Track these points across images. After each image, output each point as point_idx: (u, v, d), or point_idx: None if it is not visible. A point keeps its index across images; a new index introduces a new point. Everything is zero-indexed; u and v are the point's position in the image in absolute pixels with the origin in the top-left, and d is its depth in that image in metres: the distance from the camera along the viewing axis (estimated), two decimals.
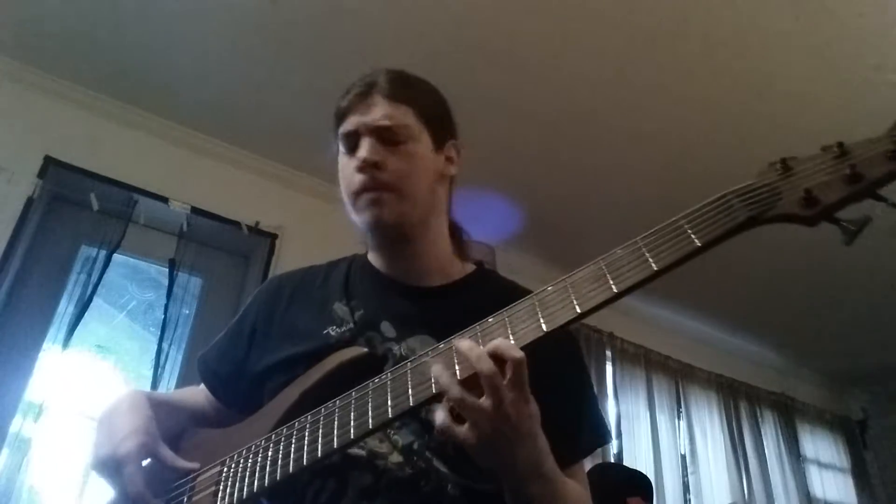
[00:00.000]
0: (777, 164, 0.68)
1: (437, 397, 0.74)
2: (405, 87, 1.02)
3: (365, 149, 0.95)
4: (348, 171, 0.98)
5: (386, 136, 0.97)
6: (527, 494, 0.77)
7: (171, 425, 0.99)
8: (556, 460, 0.79)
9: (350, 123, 0.99)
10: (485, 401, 0.69)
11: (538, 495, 0.77)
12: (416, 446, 0.87)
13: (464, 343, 0.73)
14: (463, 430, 0.71)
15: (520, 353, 0.70)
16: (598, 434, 0.98)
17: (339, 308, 1.01)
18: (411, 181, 0.97)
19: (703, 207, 0.69)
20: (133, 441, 0.90)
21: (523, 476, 0.75)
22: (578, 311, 0.70)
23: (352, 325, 0.97)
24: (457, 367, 0.73)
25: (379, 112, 0.98)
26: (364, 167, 0.95)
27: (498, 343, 0.71)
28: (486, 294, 0.97)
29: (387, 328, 0.96)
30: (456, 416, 0.72)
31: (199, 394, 1.12)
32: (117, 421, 0.94)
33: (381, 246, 1.04)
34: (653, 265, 0.68)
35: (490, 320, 0.75)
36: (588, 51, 2.30)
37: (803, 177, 0.66)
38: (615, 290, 0.69)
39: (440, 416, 0.72)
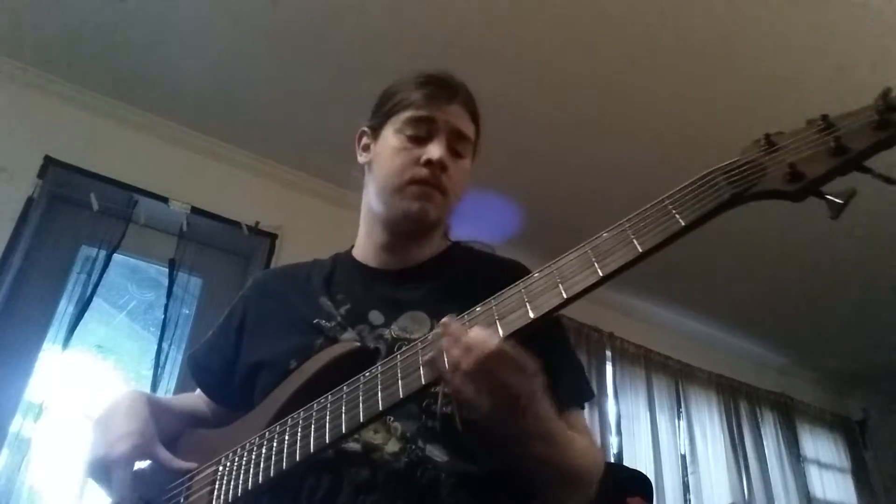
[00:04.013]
0: (761, 140, 0.67)
1: (427, 388, 0.75)
2: (475, 107, 1.08)
3: (442, 148, 0.98)
4: (405, 157, 0.99)
5: (455, 144, 1.01)
6: (530, 455, 0.78)
7: (168, 427, 0.99)
8: None
9: (430, 112, 1.00)
10: (479, 386, 0.71)
11: (543, 455, 0.78)
12: (409, 434, 0.87)
13: (446, 342, 0.73)
14: (465, 410, 0.72)
15: (494, 345, 0.70)
16: (580, 387, 1.00)
17: (324, 302, 1.02)
18: (458, 193, 1.03)
19: (688, 187, 0.68)
20: (127, 443, 0.90)
21: (528, 437, 0.76)
22: (565, 296, 0.70)
23: (339, 318, 0.98)
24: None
25: (462, 120, 1.03)
26: (434, 166, 0.97)
27: (470, 339, 0.71)
28: (466, 266, 1.02)
29: (375, 316, 0.97)
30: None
31: (195, 398, 1.13)
32: (113, 422, 0.94)
33: (393, 237, 1.05)
34: (638, 247, 0.67)
35: (478, 309, 0.75)
36: (588, 51, 2.30)
37: (788, 151, 0.65)
38: (601, 274, 0.69)
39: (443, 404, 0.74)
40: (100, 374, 2.52)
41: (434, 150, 0.97)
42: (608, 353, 3.60)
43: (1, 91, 2.46)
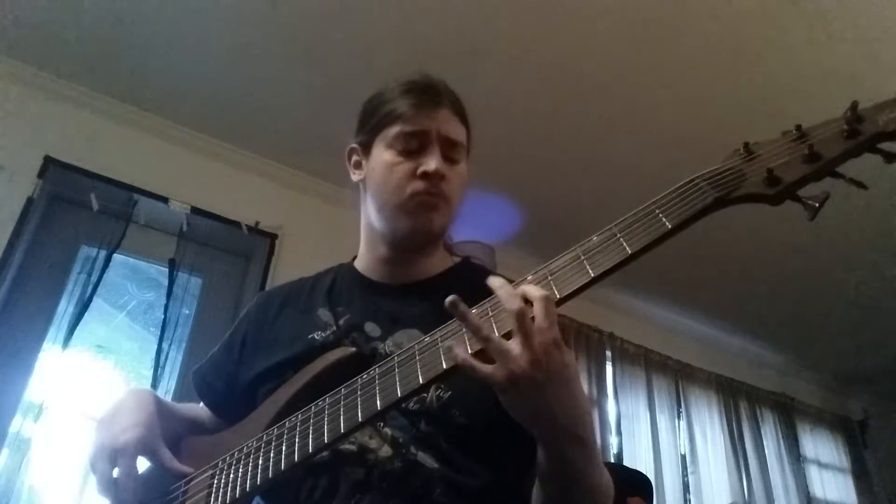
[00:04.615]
0: (741, 149, 0.72)
1: (424, 388, 0.75)
2: (462, 107, 1.05)
3: (437, 159, 0.96)
4: (401, 172, 0.97)
5: (449, 152, 0.99)
6: (564, 458, 0.74)
7: (170, 429, 1.00)
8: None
9: (419, 124, 0.98)
10: (513, 341, 0.69)
11: (575, 460, 0.75)
12: (401, 440, 0.87)
13: (495, 281, 0.73)
14: (489, 368, 0.69)
15: (545, 292, 0.70)
16: None
17: (323, 314, 1.02)
18: (458, 199, 1.01)
19: (674, 192, 0.72)
20: (133, 433, 0.91)
21: (562, 434, 0.72)
22: (558, 296, 0.72)
23: (335, 328, 0.99)
24: (493, 323, 0.73)
25: (452, 125, 1.01)
26: (432, 177, 0.95)
27: (525, 287, 0.72)
28: (470, 284, 0.96)
29: (371, 328, 0.97)
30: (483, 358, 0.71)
31: (198, 408, 1.14)
32: (120, 414, 0.95)
33: (396, 252, 1.03)
34: (627, 249, 0.70)
35: (473, 310, 0.76)
36: (588, 51, 2.31)
37: (765, 158, 0.70)
38: (592, 275, 0.71)
39: (460, 350, 0.71)
40: (100, 374, 2.52)
41: (430, 162, 0.95)
42: (608, 353, 3.60)
43: (1, 91, 2.46)
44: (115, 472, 0.90)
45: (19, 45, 2.40)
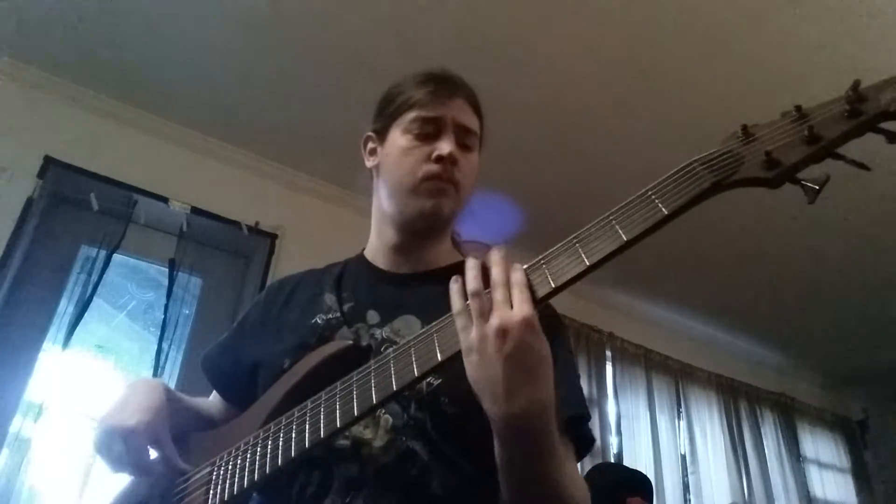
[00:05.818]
0: (739, 131, 0.70)
1: (419, 380, 0.75)
2: (476, 99, 1.09)
3: (451, 144, 1.00)
4: (415, 155, 1.00)
5: (463, 139, 1.02)
6: (515, 449, 0.73)
7: (178, 418, 1.01)
8: None
9: (434, 110, 1.02)
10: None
11: (528, 455, 0.73)
12: (396, 426, 0.88)
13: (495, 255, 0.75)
14: (468, 321, 0.72)
15: (519, 273, 0.72)
16: (575, 406, 0.92)
17: (328, 298, 1.03)
18: (469, 186, 1.04)
19: (670, 177, 0.70)
20: (143, 417, 0.92)
21: (513, 420, 0.70)
22: (553, 286, 0.72)
23: (339, 314, 1.00)
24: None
25: (466, 114, 1.05)
26: (445, 161, 0.98)
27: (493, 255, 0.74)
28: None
29: (372, 315, 0.99)
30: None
31: (207, 402, 1.15)
32: (131, 399, 0.96)
33: (405, 236, 1.05)
34: (623, 236, 0.69)
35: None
36: (588, 51, 2.30)
37: (764, 141, 0.68)
38: (587, 263, 0.70)
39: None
40: (100, 374, 2.52)
41: (444, 146, 0.98)
42: (608, 353, 3.60)
43: (1, 91, 2.46)
44: (126, 453, 0.90)
45: (20, 45, 2.40)
